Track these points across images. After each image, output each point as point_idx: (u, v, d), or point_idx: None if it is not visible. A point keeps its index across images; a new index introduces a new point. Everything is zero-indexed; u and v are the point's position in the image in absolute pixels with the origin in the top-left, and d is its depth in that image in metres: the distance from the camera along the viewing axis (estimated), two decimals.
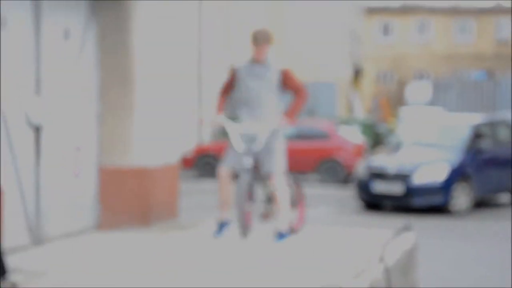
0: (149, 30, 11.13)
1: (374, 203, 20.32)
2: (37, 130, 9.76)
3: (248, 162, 9.87)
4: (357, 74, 58.46)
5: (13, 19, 9.11)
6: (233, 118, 10.48)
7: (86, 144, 10.77)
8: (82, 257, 9.42)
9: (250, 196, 10.01)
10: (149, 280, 8.22)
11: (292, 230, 10.53)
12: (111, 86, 10.98)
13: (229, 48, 40.05)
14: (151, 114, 11.18)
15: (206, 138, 36.60)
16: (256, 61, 10.12)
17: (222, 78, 34.49)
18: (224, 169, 9.83)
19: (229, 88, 10.45)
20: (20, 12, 9.37)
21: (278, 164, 10.12)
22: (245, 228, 9.75)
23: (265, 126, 9.95)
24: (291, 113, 10.03)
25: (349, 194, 22.07)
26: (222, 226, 9.88)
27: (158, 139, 11.40)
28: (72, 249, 9.86)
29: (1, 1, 8.29)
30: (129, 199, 11.09)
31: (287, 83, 10.07)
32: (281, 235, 10.08)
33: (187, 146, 29.92)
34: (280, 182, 10.09)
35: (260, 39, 10.00)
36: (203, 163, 28.38)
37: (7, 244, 8.11)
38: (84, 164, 10.77)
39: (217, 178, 10.10)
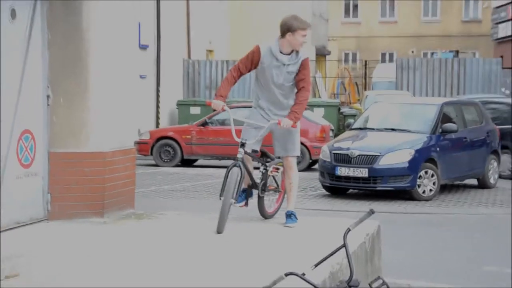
0: (103, 10, 11.06)
1: (337, 187, 20.39)
2: None
3: (241, 154, 9.93)
4: (320, 55, 58.56)
5: None
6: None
7: (35, 129, 10.68)
8: (36, 245, 9.46)
9: (239, 189, 9.97)
10: (107, 265, 8.29)
11: (268, 215, 10.95)
12: (62, 69, 10.91)
13: (186, 28, 40.09)
14: (107, 98, 11.10)
15: (164, 121, 36.68)
16: (281, 51, 9.99)
17: (178, 59, 33.83)
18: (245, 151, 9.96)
19: (243, 70, 10.25)
20: None
21: (295, 147, 10.51)
22: (223, 222, 9.70)
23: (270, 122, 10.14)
24: (297, 114, 10.05)
25: (313, 177, 22.10)
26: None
27: (114, 123, 11.31)
28: (24, 239, 9.85)
29: None
30: (83, 188, 11.02)
31: (299, 72, 10.08)
32: (290, 216, 10.48)
33: (143, 128, 29.87)
34: (294, 165, 10.52)
35: (298, 25, 9.91)
36: (161, 148, 28.34)
37: None
38: (34, 149, 10.69)
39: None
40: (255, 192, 10.64)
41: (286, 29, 9.82)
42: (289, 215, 10.49)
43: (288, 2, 50.16)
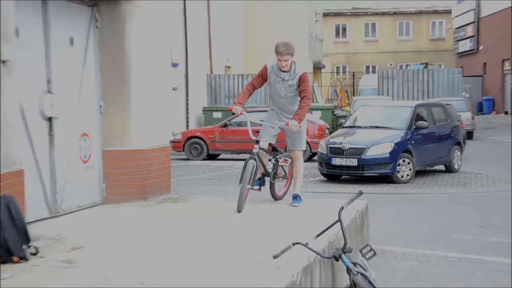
0: (141, 36, 11.07)
1: (333, 174, 20.41)
2: (50, 120, 9.74)
3: (256, 149, 10.09)
4: (316, 68, 58.46)
5: (24, 30, 9.04)
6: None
7: (91, 132, 10.74)
8: (93, 223, 9.59)
9: (254, 176, 10.15)
10: (152, 234, 8.45)
11: (278, 197, 11.09)
12: (111, 85, 10.94)
13: (208, 48, 40.11)
14: (146, 107, 11.12)
15: (192, 124, 36.66)
16: (281, 69, 10.13)
17: (203, 74, 33.84)
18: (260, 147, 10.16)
19: (258, 83, 10.51)
20: (30, 24, 9.32)
21: (301, 143, 10.80)
22: (241, 205, 9.79)
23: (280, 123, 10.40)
24: (301, 117, 10.16)
25: (313, 167, 22.07)
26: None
27: (152, 127, 11.34)
28: (84, 218, 9.96)
29: (14, 14, 8.19)
30: (130, 178, 11.08)
31: (300, 84, 10.22)
32: (296, 197, 10.67)
33: (176, 130, 29.92)
34: (301, 157, 10.88)
35: (284, 51, 9.94)
36: (191, 145, 28.44)
37: (29, 217, 8.11)
38: (91, 148, 10.76)
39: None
40: (267, 179, 10.78)
41: (275, 51, 10.07)
42: (295, 197, 10.67)
43: (290, 26, 50.04)
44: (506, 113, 57.85)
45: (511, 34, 52.64)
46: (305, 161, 25.50)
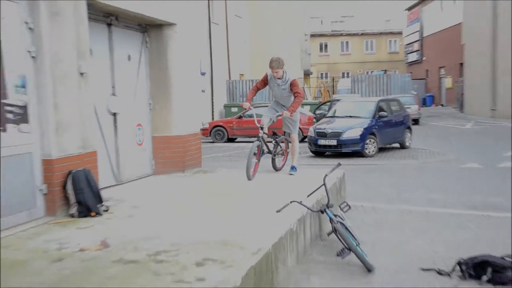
0: (179, 52, 11.10)
1: (319, 151, 20.39)
2: (114, 115, 9.80)
3: (260, 134, 10.36)
4: (306, 74, 58.37)
5: (96, 50, 9.09)
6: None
7: (144, 123, 10.78)
8: (147, 188, 9.66)
9: (259, 154, 10.40)
10: (189, 196, 8.46)
11: (278, 169, 11.18)
12: (157, 89, 10.98)
13: (227, 61, 40.08)
14: (182, 105, 11.16)
15: (216, 116, 36.63)
16: (276, 77, 10.33)
17: (223, 80, 33.73)
18: (265, 125, 10.49)
19: (261, 86, 10.69)
20: (100, 46, 9.38)
21: (295, 129, 10.89)
22: (249, 174, 9.93)
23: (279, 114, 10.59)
24: (292, 109, 10.29)
25: (304, 146, 22.05)
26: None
27: (187, 119, 11.38)
28: (140, 185, 10.01)
29: (88, 39, 8.22)
30: (172, 156, 11.14)
31: (291, 88, 10.36)
32: (293, 167, 10.87)
33: (204, 121, 29.96)
34: (296, 139, 11.00)
35: (275, 66, 10.15)
36: (215, 132, 28.55)
37: (101, 184, 8.18)
38: (144, 135, 10.79)
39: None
40: (269, 155, 10.99)
41: (269, 65, 10.30)
42: (292, 168, 10.85)
43: (287, 44, 49.84)
44: (442, 105, 58.35)
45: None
46: (298, 143, 25.72)
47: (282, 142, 11.23)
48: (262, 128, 10.43)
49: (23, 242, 6.19)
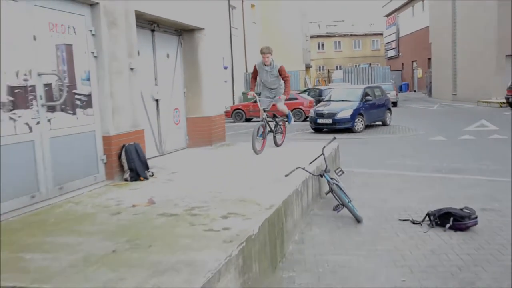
0: (206, 50, 11.06)
1: (319, 129, 20.31)
2: (157, 101, 9.79)
3: (263, 116, 9.96)
4: (307, 67, 58.05)
5: (142, 50, 9.07)
6: (258, 93, 10.39)
7: (180, 107, 10.76)
8: (182, 158, 9.58)
9: (264, 132, 9.95)
10: (215, 164, 8.42)
11: (278, 144, 10.71)
12: (190, 80, 10.93)
13: (244, 57, 39.91)
14: (210, 92, 11.14)
15: (236, 101, 36.53)
16: (264, 64, 9.83)
17: (241, 73, 33.54)
18: (261, 109, 10.00)
19: (255, 76, 10.18)
20: (145, 47, 9.34)
21: (284, 108, 10.31)
22: (255, 149, 9.52)
23: (274, 97, 10.16)
24: (286, 93, 9.93)
25: (306, 125, 21.96)
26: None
27: (213, 103, 11.35)
28: (177, 156, 9.97)
29: (137, 42, 8.21)
30: (202, 133, 11.11)
31: (281, 73, 9.87)
32: (289, 117, 10.68)
33: (227, 105, 29.91)
34: (282, 105, 10.23)
35: (266, 52, 9.70)
36: (236, 114, 28.46)
37: (147, 155, 8.21)
38: (180, 117, 10.78)
39: (260, 110, 10.17)
40: (271, 134, 10.62)
41: (260, 52, 9.90)
42: (289, 117, 10.76)
43: (292, 44, 49.66)
44: (414, 91, 58.01)
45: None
46: (301, 121, 25.68)
47: (281, 122, 10.88)
48: (264, 110, 10.03)
49: (91, 200, 6.26)
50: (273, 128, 10.50)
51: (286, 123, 10.97)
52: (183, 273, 3.62)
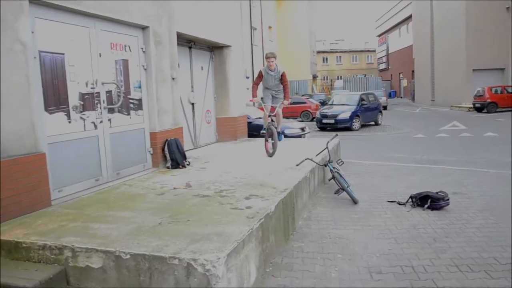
0: (233, 63, 11.08)
1: (323, 127, 20.20)
2: (193, 104, 9.84)
3: (269, 120, 8.44)
4: (314, 77, 57.68)
5: (181, 63, 9.14)
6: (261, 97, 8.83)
7: (211, 109, 10.79)
8: (213, 150, 9.57)
9: (272, 135, 8.46)
10: (239, 155, 8.43)
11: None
12: (219, 87, 10.97)
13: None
14: (235, 96, 11.14)
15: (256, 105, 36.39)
16: (269, 68, 8.34)
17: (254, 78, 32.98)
18: (265, 112, 8.60)
19: (258, 82, 8.47)
20: (184, 61, 9.40)
21: (281, 108, 8.53)
22: (267, 153, 8.45)
23: (277, 103, 8.57)
24: (286, 98, 8.31)
25: (313, 124, 21.91)
26: (264, 129, 8.63)
27: (238, 105, 11.36)
28: (209, 148, 9.97)
29: (177, 57, 8.27)
30: (228, 130, 11.15)
31: (282, 78, 8.33)
32: (280, 134, 8.83)
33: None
34: (281, 112, 8.66)
35: (270, 56, 8.24)
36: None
37: (185, 148, 8.27)
38: (211, 117, 10.83)
39: (263, 116, 8.77)
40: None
41: (265, 56, 8.41)
42: (279, 134, 8.87)
43: (302, 58, 49.35)
44: (401, 97, 57.26)
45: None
46: (309, 121, 25.58)
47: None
48: (270, 116, 8.47)
49: (141, 183, 6.35)
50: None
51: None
52: (214, 241, 3.70)
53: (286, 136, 12.09)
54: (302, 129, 13.29)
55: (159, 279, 3.42)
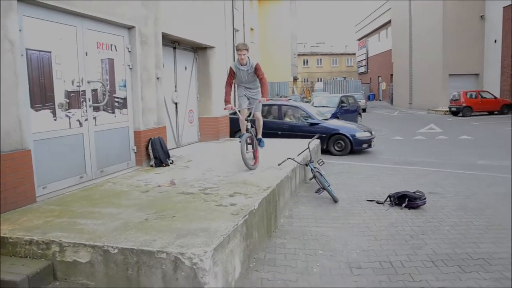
0: (216, 63, 11.13)
1: None
2: (176, 104, 9.87)
3: (249, 126, 7.23)
4: (294, 79, 57.96)
5: (166, 64, 9.16)
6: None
7: (193, 108, 10.80)
8: (195, 149, 9.57)
9: (253, 143, 7.39)
10: (221, 154, 8.45)
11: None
12: (202, 87, 11.00)
13: None
14: (218, 97, 11.17)
15: (237, 105, 36.38)
16: (241, 63, 7.16)
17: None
18: (241, 117, 7.20)
19: (230, 82, 7.31)
20: (168, 61, 9.42)
21: (260, 109, 7.42)
22: (249, 166, 6.88)
23: (252, 103, 7.42)
24: (266, 94, 7.02)
25: None
26: (241, 136, 7.05)
27: (221, 106, 11.37)
28: (191, 148, 9.97)
29: (162, 57, 8.29)
30: (211, 130, 11.18)
31: (256, 72, 7.19)
32: (261, 141, 7.92)
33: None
34: (260, 116, 7.56)
35: (242, 48, 7.02)
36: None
37: (168, 146, 8.28)
38: (194, 116, 10.85)
39: (240, 120, 7.25)
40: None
41: (235, 48, 7.04)
42: (261, 141, 7.94)
43: (282, 59, 49.52)
44: (379, 100, 57.89)
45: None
46: None
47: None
48: (248, 121, 7.22)
49: (125, 180, 6.37)
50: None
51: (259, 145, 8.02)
52: (201, 236, 3.77)
53: (356, 144, 12.03)
54: (371, 133, 12.68)
55: (147, 273, 3.49)
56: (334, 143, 12.23)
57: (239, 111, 7.31)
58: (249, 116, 7.30)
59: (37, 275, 3.60)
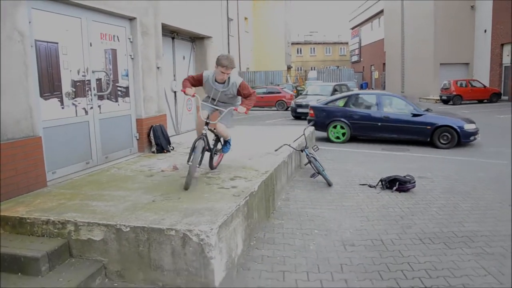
0: (212, 53, 11.23)
1: (298, 116, 20.37)
2: (175, 93, 10.02)
3: (205, 130, 5.52)
4: (288, 68, 57.97)
5: (165, 53, 9.30)
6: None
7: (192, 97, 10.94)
8: (194, 137, 9.71)
9: (203, 150, 5.43)
10: None
11: (214, 167, 6.20)
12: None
13: (238, 60, 39.80)
14: None
15: None
16: (217, 80, 5.65)
17: (236, 71, 32.17)
18: (199, 117, 5.74)
19: (194, 84, 5.83)
20: (167, 51, 9.56)
21: (229, 123, 6.00)
22: (190, 180, 4.99)
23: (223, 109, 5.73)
24: (249, 106, 5.48)
25: (287, 113, 22.21)
26: (193, 149, 5.19)
27: None
28: (190, 135, 10.00)
29: (161, 47, 8.44)
30: None
31: (242, 93, 5.64)
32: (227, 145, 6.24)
33: None
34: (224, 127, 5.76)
35: (228, 65, 5.39)
36: None
37: (169, 133, 8.43)
38: (191, 105, 10.99)
39: (196, 123, 6.05)
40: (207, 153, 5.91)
41: (216, 62, 5.42)
42: (226, 145, 6.31)
43: (277, 49, 49.53)
44: (372, 89, 58.14)
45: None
46: (284, 110, 25.88)
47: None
48: (207, 124, 5.58)
49: (129, 166, 6.57)
50: (212, 146, 6.04)
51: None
52: (206, 215, 4.02)
53: (464, 137, 11.01)
54: (475, 124, 11.49)
55: (157, 249, 3.73)
56: (439, 135, 11.21)
57: (207, 124, 5.60)
58: (208, 117, 5.68)
59: (55, 251, 3.84)
